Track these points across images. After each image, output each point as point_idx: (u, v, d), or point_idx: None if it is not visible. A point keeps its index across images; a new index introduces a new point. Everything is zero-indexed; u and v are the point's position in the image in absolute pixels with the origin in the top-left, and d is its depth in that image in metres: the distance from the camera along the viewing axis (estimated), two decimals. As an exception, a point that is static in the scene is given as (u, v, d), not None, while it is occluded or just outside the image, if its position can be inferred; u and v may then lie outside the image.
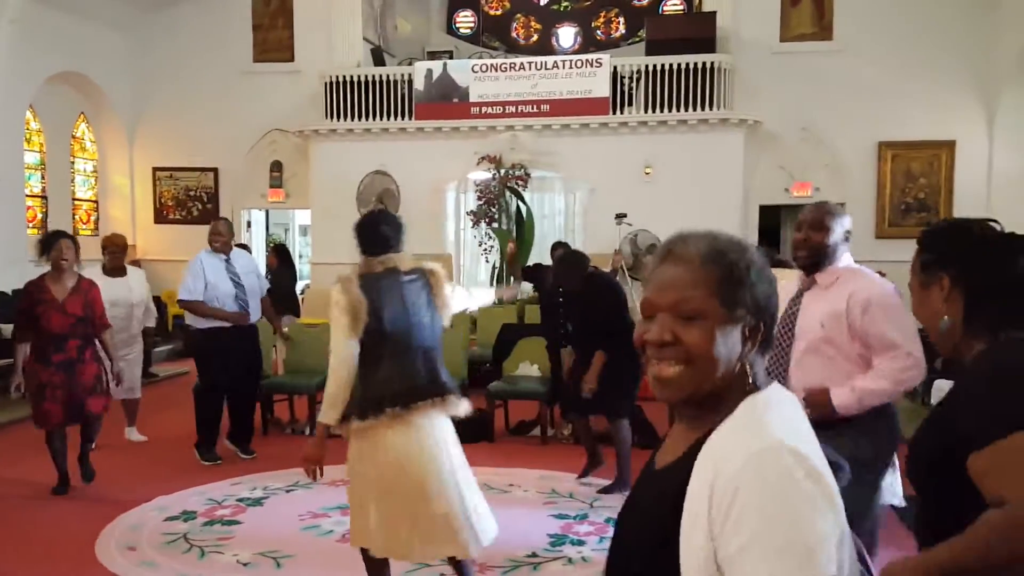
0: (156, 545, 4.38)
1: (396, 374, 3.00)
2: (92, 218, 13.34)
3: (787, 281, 2.79)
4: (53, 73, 11.49)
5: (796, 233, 2.97)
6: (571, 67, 11.61)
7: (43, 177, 12.28)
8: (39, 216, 12.09)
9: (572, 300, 5.52)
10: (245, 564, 4.13)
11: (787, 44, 11.65)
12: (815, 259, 2.88)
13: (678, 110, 11.29)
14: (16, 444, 6.35)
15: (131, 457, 6.17)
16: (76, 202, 12.99)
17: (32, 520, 4.79)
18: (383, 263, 3.08)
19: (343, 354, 2.97)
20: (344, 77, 12.06)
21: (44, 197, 12.27)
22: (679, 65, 11.27)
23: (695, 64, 11.25)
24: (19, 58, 10.41)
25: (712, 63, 11.26)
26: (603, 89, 11.40)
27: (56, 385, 4.94)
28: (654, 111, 11.35)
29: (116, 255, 6.38)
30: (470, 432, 6.50)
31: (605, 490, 5.27)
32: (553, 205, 11.89)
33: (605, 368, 5.15)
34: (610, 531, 4.46)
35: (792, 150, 11.52)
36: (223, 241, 5.97)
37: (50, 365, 4.93)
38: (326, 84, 12.08)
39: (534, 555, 4.21)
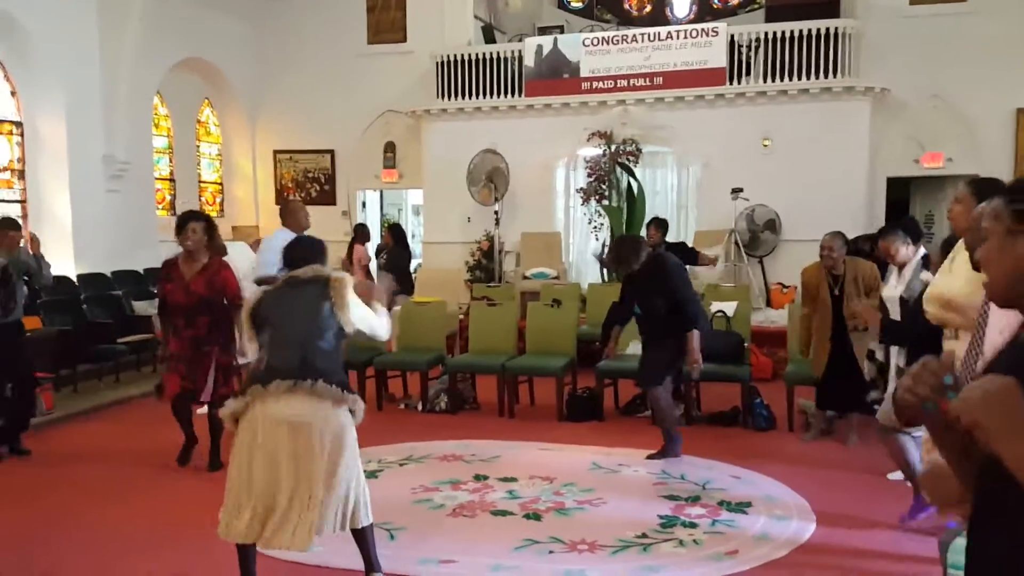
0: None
1: (271, 362, 3.29)
2: (217, 200, 13.98)
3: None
4: (178, 60, 12.06)
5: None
6: (685, 37, 11.26)
7: (171, 160, 12.93)
8: (168, 198, 12.74)
9: (634, 280, 5.50)
10: (359, 534, 4.22)
11: (917, 7, 10.89)
12: None
13: (799, 79, 10.78)
14: (152, 416, 6.70)
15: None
16: (202, 184, 13.63)
17: (161, 489, 5.05)
18: (284, 277, 3.50)
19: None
20: (455, 56, 12.13)
21: (172, 180, 12.93)
22: (800, 31, 10.75)
23: (818, 30, 10.70)
24: (146, 47, 10.95)
25: (836, 28, 10.68)
26: (719, 59, 11.01)
27: (180, 358, 5.16)
28: (773, 80, 10.89)
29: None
30: (580, 410, 6.50)
31: (653, 456, 5.41)
32: (666, 181, 11.61)
33: (656, 340, 5.38)
34: (723, 513, 4.34)
35: (923, 119, 10.82)
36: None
37: (180, 339, 5.17)
38: (437, 64, 12.18)
39: (644, 535, 4.13)
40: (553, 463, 5.39)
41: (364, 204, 13.68)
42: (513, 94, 11.90)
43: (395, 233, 9.79)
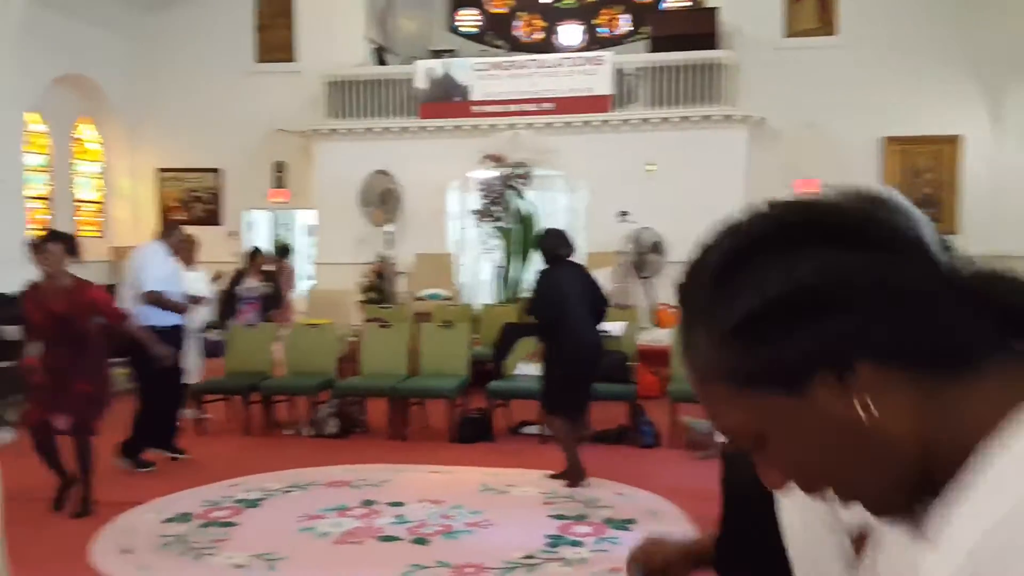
0: (152, 548, 4.37)
1: None
2: (98, 220, 13.35)
3: None
4: (55, 76, 11.52)
5: None
6: (573, 65, 11.57)
7: (51, 179, 12.30)
8: (44, 218, 12.09)
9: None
10: (239, 566, 4.10)
11: (791, 40, 11.57)
12: None
13: (680, 106, 11.23)
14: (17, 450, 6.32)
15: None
16: (80, 204, 13.00)
17: (25, 522, 4.77)
18: None
19: None
20: (346, 77, 12.06)
21: (49, 199, 12.29)
22: (681, 63, 11.21)
23: (698, 61, 11.18)
24: (19, 62, 10.41)
25: (715, 60, 11.20)
26: (605, 86, 11.35)
27: (42, 386, 4.88)
28: (657, 107, 11.30)
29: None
30: (471, 432, 6.52)
31: (556, 476, 5.40)
32: (556, 203, 11.84)
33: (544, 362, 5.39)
34: (608, 531, 4.44)
35: (797, 147, 11.44)
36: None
37: (42, 364, 4.89)
38: (327, 83, 12.07)
39: (531, 556, 4.17)
40: (442, 486, 5.39)
41: (250, 225, 13.33)
42: (405, 116, 11.91)
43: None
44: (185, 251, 6.29)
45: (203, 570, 4.08)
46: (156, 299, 5.80)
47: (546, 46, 15.08)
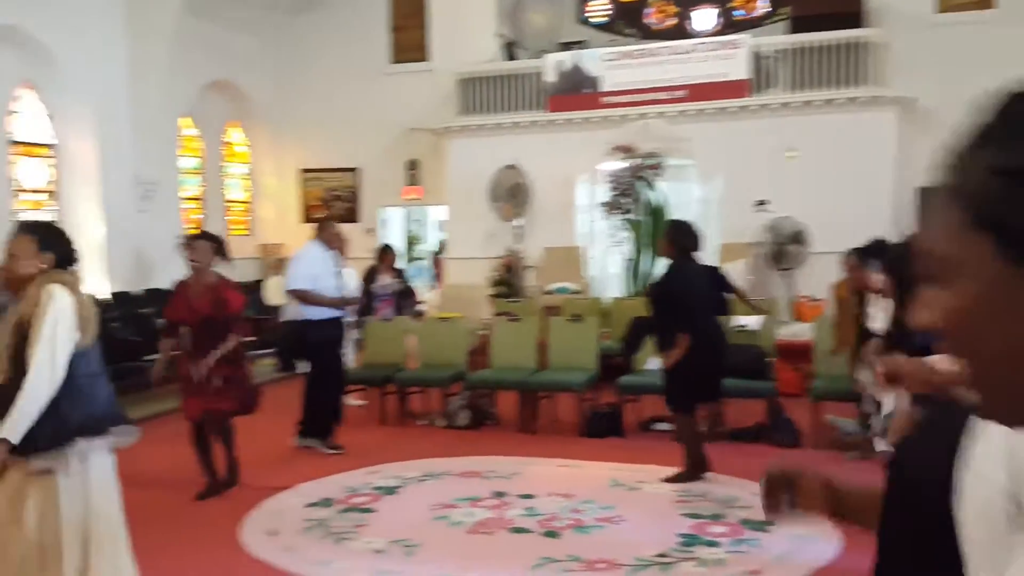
0: (296, 531, 4.56)
1: (93, 399, 2.81)
2: (246, 219, 14.14)
3: None
4: (205, 83, 12.28)
5: None
6: (707, 50, 11.25)
7: (203, 180, 13.12)
8: (198, 218, 12.91)
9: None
10: (378, 551, 4.22)
11: (943, 15, 10.77)
12: None
13: (824, 89, 10.69)
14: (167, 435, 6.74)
15: (274, 444, 6.45)
16: (229, 204, 13.80)
17: (181, 505, 5.08)
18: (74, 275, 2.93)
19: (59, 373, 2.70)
20: (476, 73, 12.22)
21: (201, 200, 13.10)
22: (826, 42, 10.68)
23: (843, 40, 10.61)
24: (173, 70, 11.14)
25: (861, 38, 10.58)
26: (741, 71, 10.97)
27: (189, 378, 5.12)
28: (798, 91, 10.82)
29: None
30: (601, 427, 6.45)
31: (671, 479, 5.23)
32: (688, 194, 11.54)
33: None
34: (746, 532, 4.27)
35: (954, 128, 10.62)
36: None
37: (190, 359, 5.12)
38: (459, 81, 12.27)
39: (664, 555, 4.07)
40: (572, 480, 5.35)
41: (384, 221, 13.75)
42: (535, 110, 11.95)
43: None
44: (337, 245, 6.41)
45: (344, 553, 4.22)
46: (301, 296, 6.13)
47: (679, 32, 14.71)
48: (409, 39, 13.11)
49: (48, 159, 10.50)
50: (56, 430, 2.65)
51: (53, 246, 2.82)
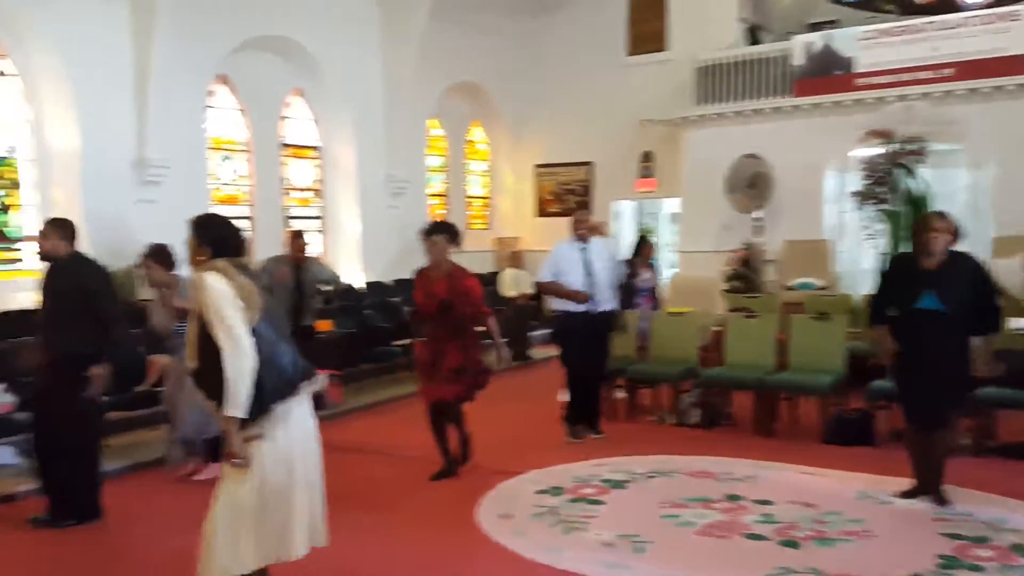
0: (528, 516, 4.66)
1: (279, 365, 3.01)
2: (484, 213, 14.74)
3: None
4: (450, 85, 12.93)
5: None
6: (981, 23, 10.09)
7: (446, 178, 13.86)
8: (441, 213, 13.64)
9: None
10: (607, 544, 4.20)
11: None
12: None
13: None
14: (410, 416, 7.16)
15: (510, 430, 6.65)
16: (471, 200, 14.45)
17: (421, 483, 5.36)
18: (232, 261, 3.08)
19: (246, 343, 2.90)
20: (717, 60, 11.84)
21: (444, 196, 13.84)
22: None
23: None
24: (422, 74, 11.84)
25: None
26: (1021, 45, 9.71)
27: (425, 364, 5.38)
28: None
29: None
30: (847, 434, 5.98)
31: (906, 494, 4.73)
32: (955, 182, 10.41)
33: None
34: (1017, 559, 3.76)
35: None
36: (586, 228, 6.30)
37: (425, 344, 5.38)
38: (697, 69, 11.96)
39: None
40: (814, 488, 5.01)
41: (617, 215, 13.72)
42: (778, 95, 11.36)
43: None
44: (582, 231, 6.34)
45: (573, 542, 4.25)
46: (545, 288, 6.40)
47: (945, 5, 13.30)
48: (648, 30, 13.02)
49: (314, 160, 11.60)
50: (255, 399, 2.89)
51: (209, 238, 3.07)
